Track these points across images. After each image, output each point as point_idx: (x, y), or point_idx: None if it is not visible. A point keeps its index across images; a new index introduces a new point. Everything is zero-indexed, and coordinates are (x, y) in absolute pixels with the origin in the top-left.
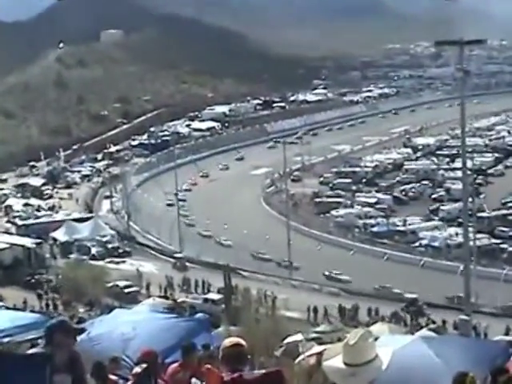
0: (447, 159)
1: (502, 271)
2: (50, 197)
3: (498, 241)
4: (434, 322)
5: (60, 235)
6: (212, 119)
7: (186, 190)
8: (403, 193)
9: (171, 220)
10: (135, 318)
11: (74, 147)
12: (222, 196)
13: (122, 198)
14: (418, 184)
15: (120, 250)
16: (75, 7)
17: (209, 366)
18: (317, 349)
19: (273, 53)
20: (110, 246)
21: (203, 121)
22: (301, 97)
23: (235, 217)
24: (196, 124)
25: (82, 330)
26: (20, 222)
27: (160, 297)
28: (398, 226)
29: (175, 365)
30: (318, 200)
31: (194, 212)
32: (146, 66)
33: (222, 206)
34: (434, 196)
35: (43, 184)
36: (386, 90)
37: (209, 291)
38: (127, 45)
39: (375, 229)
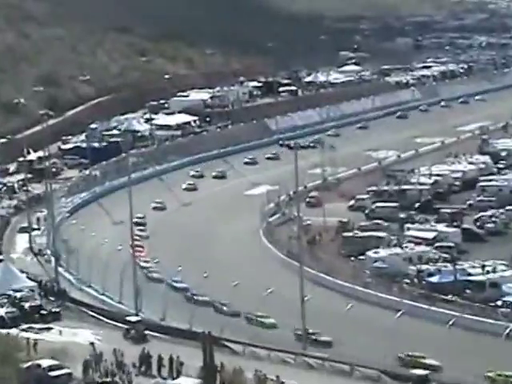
0: None
1: None
2: None
3: None
4: None
5: None
6: (185, 111)
7: (159, 203)
8: (478, 224)
9: (123, 265)
10: None
11: None
12: (202, 228)
13: (46, 232)
14: (501, 210)
15: (44, 312)
16: None
17: None
18: None
19: (280, 9)
20: (27, 304)
21: (172, 113)
22: (321, 77)
23: (221, 260)
24: (161, 118)
25: None
26: None
27: None
28: (470, 274)
29: None
30: (346, 235)
31: (159, 253)
32: (82, 28)
33: (202, 243)
34: None
35: None
36: (452, 67)
37: (179, 374)
38: None
39: (435, 279)
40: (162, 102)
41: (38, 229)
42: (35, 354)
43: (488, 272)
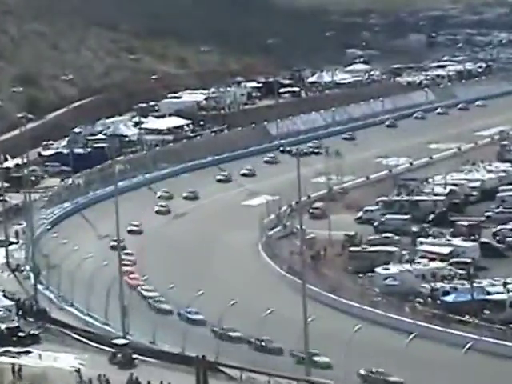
0: None
1: None
2: None
3: None
4: None
5: None
6: (177, 114)
7: (134, 233)
8: (498, 238)
9: (109, 283)
10: None
11: None
12: (195, 242)
13: (25, 246)
14: None
15: (21, 334)
16: None
17: None
18: None
19: (282, 3)
20: (3, 326)
21: (162, 117)
22: (326, 77)
23: (216, 277)
24: (150, 122)
25: None
26: None
27: None
28: (489, 293)
29: None
30: (353, 250)
31: (148, 269)
32: (64, 23)
33: (196, 258)
34: None
35: None
36: (469, 66)
37: None
38: None
39: (450, 298)
40: (151, 104)
41: (16, 242)
42: (19, 381)
43: (509, 290)
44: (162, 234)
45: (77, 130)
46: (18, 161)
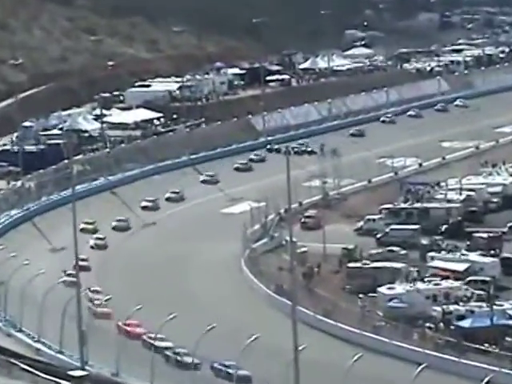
0: None
1: None
2: None
3: None
4: None
5: None
6: (146, 105)
7: (94, 247)
8: None
9: (64, 303)
10: None
11: None
12: (166, 258)
13: None
14: None
15: None
16: None
17: None
18: None
19: None
20: None
21: (128, 108)
22: (321, 62)
23: (191, 298)
24: (115, 115)
25: None
26: None
27: None
28: (511, 317)
29: None
30: (353, 266)
31: (111, 288)
32: None
33: (167, 276)
34: None
35: None
36: (489, 51)
37: None
38: None
39: (466, 323)
40: (115, 93)
41: None
42: None
43: None
44: (127, 247)
45: (27, 123)
46: None
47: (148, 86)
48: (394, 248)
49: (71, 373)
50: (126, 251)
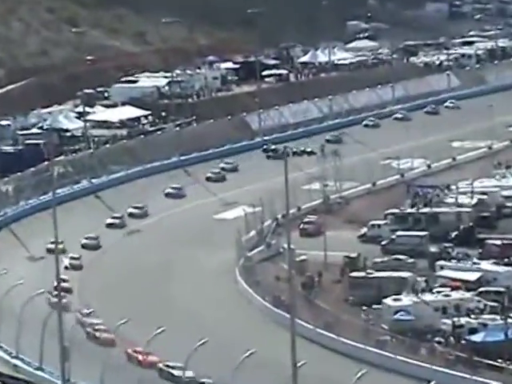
0: None
1: None
2: None
3: None
4: None
5: None
6: (133, 102)
7: (75, 259)
8: None
9: (42, 318)
10: None
11: None
12: (154, 266)
13: None
14: None
15: None
16: None
17: None
18: None
19: None
20: None
21: (114, 106)
22: (322, 56)
23: (182, 310)
24: (99, 112)
25: None
26: None
27: None
28: None
29: None
30: (356, 275)
31: (93, 300)
32: None
33: (156, 287)
34: None
35: None
36: (503, 43)
37: None
38: None
39: (478, 337)
40: (99, 89)
41: None
42: None
43: None
44: (113, 254)
45: (4, 122)
46: None
47: (135, 81)
48: (401, 256)
49: None
50: (110, 263)
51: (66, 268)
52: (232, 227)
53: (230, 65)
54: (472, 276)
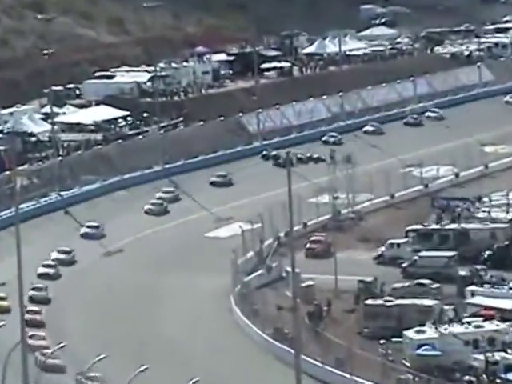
0: None
1: None
2: None
3: None
4: None
5: None
6: (109, 101)
7: (44, 276)
8: None
9: (6, 350)
10: None
11: None
12: (138, 292)
13: None
14: None
15: None
16: None
17: None
18: None
19: None
20: None
21: (86, 106)
22: (331, 46)
23: (168, 343)
24: (69, 113)
25: None
26: None
27: None
28: None
29: None
30: (372, 303)
31: (67, 331)
32: None
33: (137, 316)
34: None
35: None
36: None
37: None
38: None
39: None
40: (70, 86)
41: None
42: None
43: None
44: (88, 279)
45: None
46: None
47: (111, 76)
48: (424, 281)
49: None
50: (87, 288)
51: (31, 299)
52: (226, 247)
53: (222, 57)
54: (508, 304)
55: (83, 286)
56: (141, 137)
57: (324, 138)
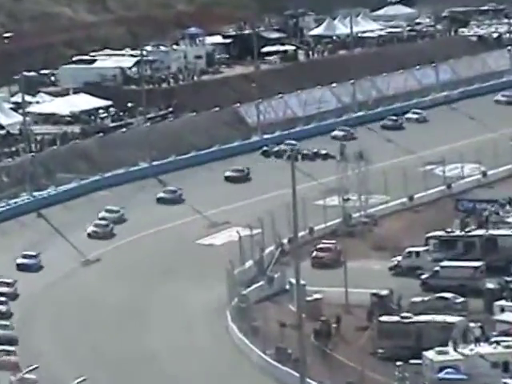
0: None
1: None
2: None
3: None
4: None
5: None
6: (88, 89)
7: (9, 297)
8: None
9: None
10: None
11: None
12: (120, 306)
13: None
14: None
15: None
16: None
17: None
18: None
19: None
20: None
21: (63, 94)
22: (341, 27)
23: (156, 364)
24: (42, 102)
25: None
26: None
27: None
28: None
29: None
30: (387, 320)
31: (41, 352)
32: None
33: (121, 334)
34: None
35: None
36: None
37: None
38: None
39: None
40: (44, 72)
41: None
42: None
43: None
44: (65, 291)
45: None
46: None
47: (91, 61)
48: (447, 294)
49: None
50: (65, 295)
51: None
52: (221, 255)
53: (218, 39)
54: None
55: (56, 300)
56: (125, 130)
57: (333, 132)
